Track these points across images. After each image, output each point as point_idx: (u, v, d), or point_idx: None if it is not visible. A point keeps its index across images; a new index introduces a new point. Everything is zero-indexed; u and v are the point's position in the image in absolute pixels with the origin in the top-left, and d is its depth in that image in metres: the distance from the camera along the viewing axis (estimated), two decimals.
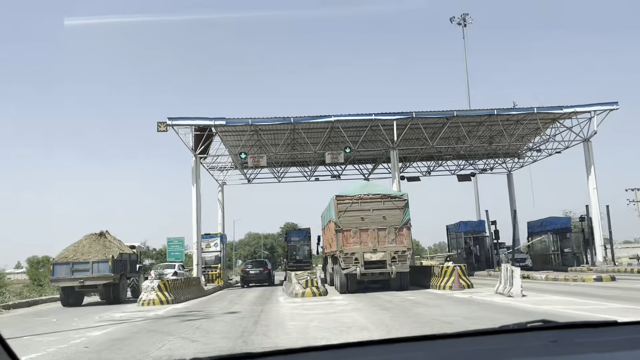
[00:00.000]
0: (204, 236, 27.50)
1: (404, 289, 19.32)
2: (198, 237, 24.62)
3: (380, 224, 19.38)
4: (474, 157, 34.76)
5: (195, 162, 25.18)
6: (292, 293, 16.69)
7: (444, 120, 26.56)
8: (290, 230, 30.12)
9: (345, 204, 19.51)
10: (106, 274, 17.98)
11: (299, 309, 11.51)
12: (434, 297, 13.63)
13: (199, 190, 24.91)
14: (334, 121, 24.64)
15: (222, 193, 34.08)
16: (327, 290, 17.05)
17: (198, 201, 24.79)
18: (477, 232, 29.11)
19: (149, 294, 15.80)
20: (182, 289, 17.93)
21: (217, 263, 28.06)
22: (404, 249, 19.26)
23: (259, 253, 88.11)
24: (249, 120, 24.26)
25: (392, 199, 19.74)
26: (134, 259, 21.25)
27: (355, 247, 19.22)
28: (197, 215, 24.63)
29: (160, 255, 56.28)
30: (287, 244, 29.56)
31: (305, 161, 34.05)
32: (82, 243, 18.87)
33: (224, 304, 15.37)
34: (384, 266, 19.06)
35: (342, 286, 19.33)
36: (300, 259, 29.23)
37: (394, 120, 24.82)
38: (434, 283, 18.76)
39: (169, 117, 23.80)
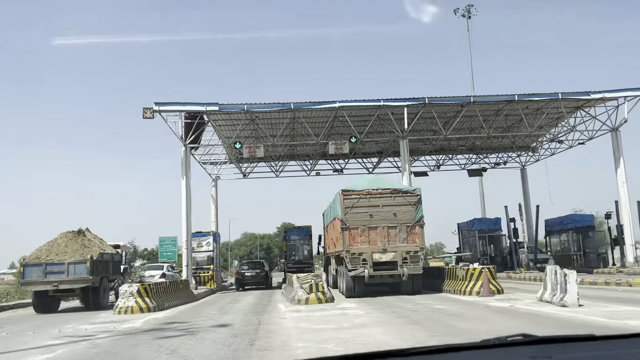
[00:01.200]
0: (194, 234, 25.99)
1: (417, 292, 17.93)
2: (188, 236, 23.11)
3: (390, 221, 17.93)
4: (487, 150, 33.26)
5: (185, 152, 23.64)
6: (294, 299, 15.20)
7: (458, 108, 25.08)
8: (290, 228, 28.52)
9: (352, 200, 18.04)
10: (84, 276, 16.47)
11: (306, 322, 9.97)
12: (467, 306, 12.04)
13: (189, 184, 23.38)
14: (338, 107, 23.13)
15: (215, 188, 32.57)
16: (333, 296, 15.54)
17: (188, 195, 23.27)
18: (493, 230, 27.62)
19: (127, 301, 14.29)
20: (167, 294, 16.41)
21: (210, 264, 26.56)
22: (416, 249, 17.83)
23: (255, 254, 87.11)
24: (245, 106, 22.73)
25: (403, 194, 18.28)
26: (118, 259, 19.74)
27: (363, 246, 17.77)
28: (187, 211, 23.10)
29: (152, 255, 54.86)
30: (286, 243, 28.04)
31: (306, 154, 32.54)
32: (57, 242, 17.35)
33: (214, 312, 13.87)
34: (395, 268, 17.64)
35: (348, 290, 17.88)
36: (300, 259, 27.73)
37: (404, 107, 23.31)
38: (451, 287, 17.27)
39: (155, 102, 22.25)
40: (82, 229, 18.18)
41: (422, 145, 30.10)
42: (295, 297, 15.15)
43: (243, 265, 28.14)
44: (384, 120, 25.19)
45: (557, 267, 11.36)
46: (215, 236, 27.23)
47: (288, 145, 30.75)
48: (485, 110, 25.26)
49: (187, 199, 23.13)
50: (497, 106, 25.40)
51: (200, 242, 26.38)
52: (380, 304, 14.42)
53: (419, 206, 18.14)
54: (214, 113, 23.88)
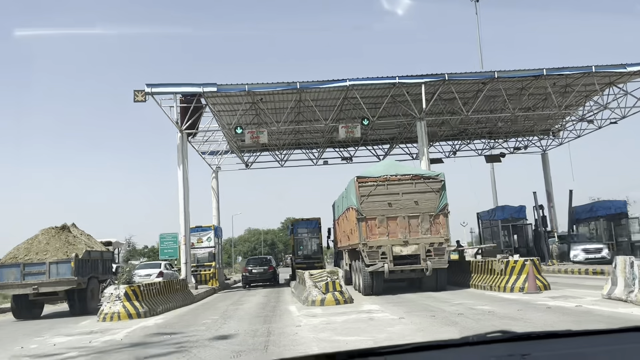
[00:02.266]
0: (194, 229, 24.26)
1: (441, 288, 16.25)
2: (186, 230, 21.36)
3: (411, 210, 16.17)
4: (507, 134, 31.36)
5: (181, 139, 21.85)
6: (307, 300, 13.44)
7: (480, 86, 23.18)
8: (297, 220, 26.71)
9: (369, 187, 16.26)
10: (68, 277, 14.76)
11: (328, 332, 8.15)
12: (519, 306, 10.13)
13: (186, 173, 21.60)
14: (349, 86, 21.25)
15: (216, 180, 30.81)
16: (352, 296, 13.77)
17: (185, 186, 21.50)
18: (516, 219, 25.79)
19: (113, 305, 12.56)
20: (161, 296, 14.67)
21: (212, 261, 24.83)
22: (440, 241, 16.07)
23: (259, 249, 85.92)
24: (246, 87, 20.90)
25: (425, 180, 16.48)
26: (109, 257, 18.04)
27: (382, 239, 16.01)
28: (185, 203, 21.34)
29: (153, 253, 53.41)
30: (294, 237, 26.25)
31: (313, 142, 30.70)
32: (37, 239, 15.62)
33: (215, 317, 12.13)
34: (417, 261, 15.91)
35: (365, 287, 16.16)
36: (309, 254, 25.97)
37: (421, 84, 21.41)
38: (483, 282, 15.46)
39: (147, 84, 20.45)
40: (66, 224, 16.45)
41: (438, 129, 28.14)
42: (309, 297, 13.38)
43: (249, 262, 27.02)
44: (398, 101, 23.33)
45: (632, 258, 9.50)
46: (217, 231, 25.49)
47: (293, 132, 28.97)
48: (508, 88, 23.34)
49: (184, 189, 21.37)
50: (522, 83, 23.50)
51: (200, 237, 24.65)
52: (408, 304, 12.65)
53: (442, 193, 16.36)
54: (213, 96, 22.07)
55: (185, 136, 22.17)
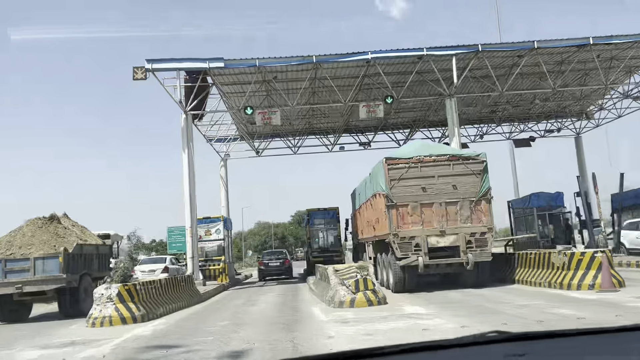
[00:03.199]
0: (202, 220, 22.38)
1: (482, 284, 14.31)
2: (192, 221, 19.46)
3: (449, 195, 14.17)
4: (540, 116, 29.10)
5: (185, 121, 19.90)
6: (333, 300, 11.48)
7: (515, 60, 20.98)
8: (314, 210, 24.69)
9: (400, 170, 14.23)
10: (55, 274, 12.93)
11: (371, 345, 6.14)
12: (608, 309, 8.09)
13: (191, 158, 19.67)
14: (371, 59, 19.15)
15: (225, 169, 28.88)
16: (385, 296, 11.77)
17: (191, 172, 19.57)
18: (553, 207, 23.60)
19: (104, 308, 10.68)
20: (162, 295, 12.77)
21: (221, 255, 22.93)
22: (483, 230, 14.08)
23: (270, 243, 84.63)
24: (256, 62, 18.87)
25: (464, 160, 14.43)
26: (106, 252, 16.18)
27: (415, 228, 14.01)
28: (191, 191, 19.43)
29: (161, 247, 51.73)
30: (310, 228, 24.26)
31: (328, 127, 28.65)
32: (21, 231, 13.80)
33: (224, 322, 10.22)
34: (456, 254, 13.94)
35: (396, 283, 14.19)
36: (327, 247, 23.99)
37: (452, 56, 19.25)
38: (537, 278, 13.38)
39: (148, 59, 18.51)
40: (55, 214, 14.60)
41: (466, 108, 25.88)
42: (336, 297, 11.41)
43: (265, 256, 27.02)
44: (425, 77, 21.19)
45: None
46: (226, 222, 23.59)
47: (307, 117, 26.96)
48: (547, 61, 21.08)
49: (190, 175, 19.45)
50: (561, 57, 21.28)
51: (208, 229, 22.76)
52: (458, 305, 10.69)
53: (484, 176, 14.30)
54: (220, 74, 20.11)
55: (190, 118, 20.22)
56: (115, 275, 12.13)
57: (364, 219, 19.18)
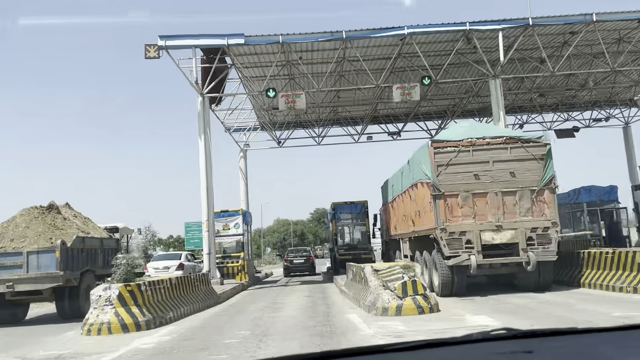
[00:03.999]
0: (219, 214, 20.61)
1: (544, 288, 12.22)
2: (209, 214, 17.66)
3: (506, 184, 12.11)
4: (586, 105, 26.68)
5: (202, 104, 18.09)
6: (374, 306, 9.53)
7: (567, 37, 18.72)
8: (340, 204, 22.66)
9: (448, 154, 12.21)
10: (51, 272, 11.21)
11: None
12: None
13: (208, 145, 17.86)
14: (407, 34, 17.08)
15: (244, 160, 27.12)
16: (437, 301, 9.77)
17: (208, 160, 17.77)
18: (605, 202, 21.24)
19: (102, 313, 8.90)
20: (173, 297, 10.93)
21: (240, 251, 21.09)
22: (546, 225, 12.00)
23: (289, 240, 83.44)
24: (279, 38, 16.96)
25: (524, 144, 12.35)
26: (112, 246, 14.43)
27: (467, 222, 11.98)
28: (208, 181, 17.63)
29: (179, 243, 50.40)
30: (335, 223, 22.25)
31: (356, 116, 26.64)
32: (14, 222, 12.11)
33: (245, 332, 8.36)
34: (514, 252, 11.88)
35: (443, 286, 12.18)
36: (354, 244, 21.98)
37: (499, 32, 17.08)
38: (611, 282, 11.21)
39: (161, 36, 16.75)
40: (54, 203, 12.86)
41: (508, 92, 23.57)
42: (378, 303, 9.43)
43: (290, 253, 28.14)
44: (466, 59, 19.09)
45: None
46: (246, 216, 21.76)
47: (333, 104, 24.99)
48: (605, 37, 18.73)
49: (206, 164, 17.65)
50: (619, 33, 18.93)
51: (226, 223, 20.96)
52: (530, 313, 8.68)
53: (548, 161, 12.20)
54: (240, 54, 18.28)
55: (207, 101, 18.41)
56: (118, 273, 10.27)
57: (398, 213, 17.16)
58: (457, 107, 26.36)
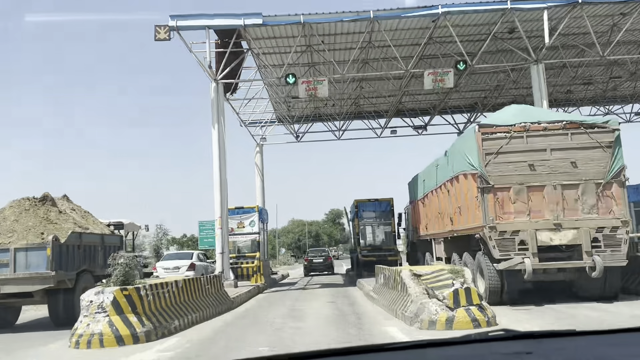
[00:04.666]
0: (234, 211, 19.11)
1: (612, 297, 10.44)
2: (223, 211, 16.13)
3: (567, 176, 10.39)
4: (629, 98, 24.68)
5: (215, 90, 16.59)
6: (417, 317, 7.88)
7: (616, 19, 16.87)
8: (363, 202, 20.93)
9: (498, 141, 10.52)
10: (41, 271, 9.75)
11: None
12: None
13: (222, 135, 16.34)
14: (441, 14, 15.39)
15: (260, 155, 25.61)
16: (495, 314, 8.04)
17: (222, 151, 16.24)
18: None
19: (93, 321, 7.40)
20: (178, 304, 9.32)
21: (255, 251, 19.55)
22: (615, 224, 10.21)
23: (304, 241, 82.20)
24: (300, 17, 15.40)
25: (587, 129, 10.58)
26: (115, 244, 12.93)
27: (520, 220, 10.27)
28: (221, 173, 16.11)
29: (192, 242, 49.16)
30: (358, 222, 20.56)
31: (380, 109, 25.01)
32: (3, 214, 10.66)
33: (262, 347, 6.75)
34: (576, 255, 10.14)
35: (492, 293, 10.47)
36: (378, 244, 20.25)
37: (543, 11, 15.31)
38: None
39: (172, 15, 15.27)
40: (48, 194, 11.37)
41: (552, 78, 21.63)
42: (424, 314, 7.76)
43: (310, 253, 29.86)
44: (505, 45, 17.34)
45: None
46: (262, 213, 20.20)
47: (354, 98, 23.37)
48: None
49: (220, 155, 16.13)
50: None
51: (241, 221, 19.43)
52: None
53: (617, 150, 10.43)
54: (257, 37, 16.77)
55: (221, 88, 16.90)
56: (113, 275, 8.70)
57: (431, 210, 15.44)
58: (488, 100, 24.56)
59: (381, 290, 11.61)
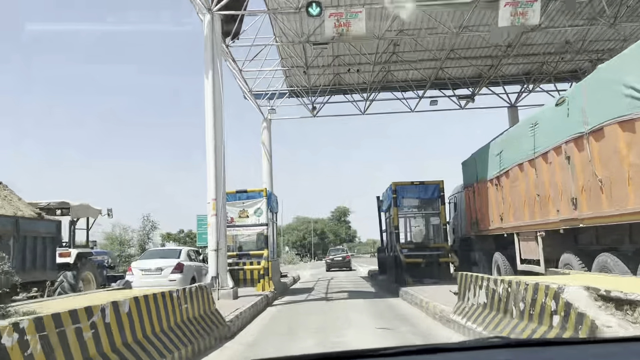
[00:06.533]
0: (233, 196, 14.54)
1: None
2: (218, 190, 11.45)
3: None
4: None
5: (210, 25, 11.88)
6: None
7: None
8: (403, 185, 15.89)
9: None
10: None
11: None
12: None
13: (218, 84, 11.62)
14: None
15: (268, 132, 20.99)
16: None
17: (217, 107, 11.53)
18: None
19: None
20: (119, 350, 4.58)
21: (263, 248, 14.81)
22: None
23: (309, 239, 78.26)
24: None
25: None
26: (50, 233, 8.31)
27: None
28: (216, 138, 11.41)
29: (190, 238, 44.86)
30: (397, 212, 15.44)
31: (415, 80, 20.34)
32: None
33: None
34: None
35: None
36: (423, 242, 15.28)
37: None
38: None
39: None
40: None
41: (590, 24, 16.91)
42: None
43: (331, 252, 33.88)
44: None
45: None
46: (271, 199, 15.47)
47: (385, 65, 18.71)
48: None
49: (215, 112, 11.45)
50: None
51: (244, 209, 14.75)
52: None
53: None
54: None
55: (217, 24, 12.18)
56: None
57: (516, 192, 10.72)
58: (547, 67, 19.89)
59: (485, 316, 6.77)
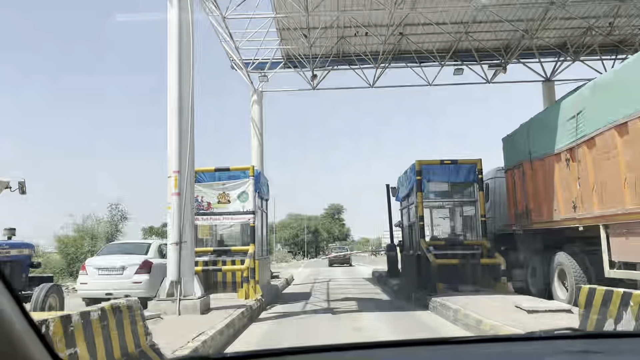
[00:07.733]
0: (212, 174, 11.26)
1: None
2: (183, 160, 8.07)
3: None
4: None
5: None
6: None
7: None
8: (430, 163, 12.30)
9: None
10: None
11: None
12: None
13: (186, 9, 8.23)
14: None
15: (258, 106, 17.65)
16: None
17: (183, 41, 8.13)
18: None
19: None
20: None
21: (249, 242, 11.42)
22: None
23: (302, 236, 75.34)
24: None
25: None
26: None
27: None
28: (181, 83, 7.98)
29: None
30: (422, 198, 11.60)
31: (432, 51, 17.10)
32: None
33: None
34: None
35: None
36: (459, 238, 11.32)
37: None
38: None
39: None
40: None
41: None
42: None
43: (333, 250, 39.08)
44: None
45: None
46: (259, 180, 12.05)
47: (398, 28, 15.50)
48: None
49: (180, 48, 8.04)
50: None
51: (224, 191, 11.39)
52: None
53: None
54: None
55: None
56: None
57: (609, 168, 7.49)
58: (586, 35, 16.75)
59: None
